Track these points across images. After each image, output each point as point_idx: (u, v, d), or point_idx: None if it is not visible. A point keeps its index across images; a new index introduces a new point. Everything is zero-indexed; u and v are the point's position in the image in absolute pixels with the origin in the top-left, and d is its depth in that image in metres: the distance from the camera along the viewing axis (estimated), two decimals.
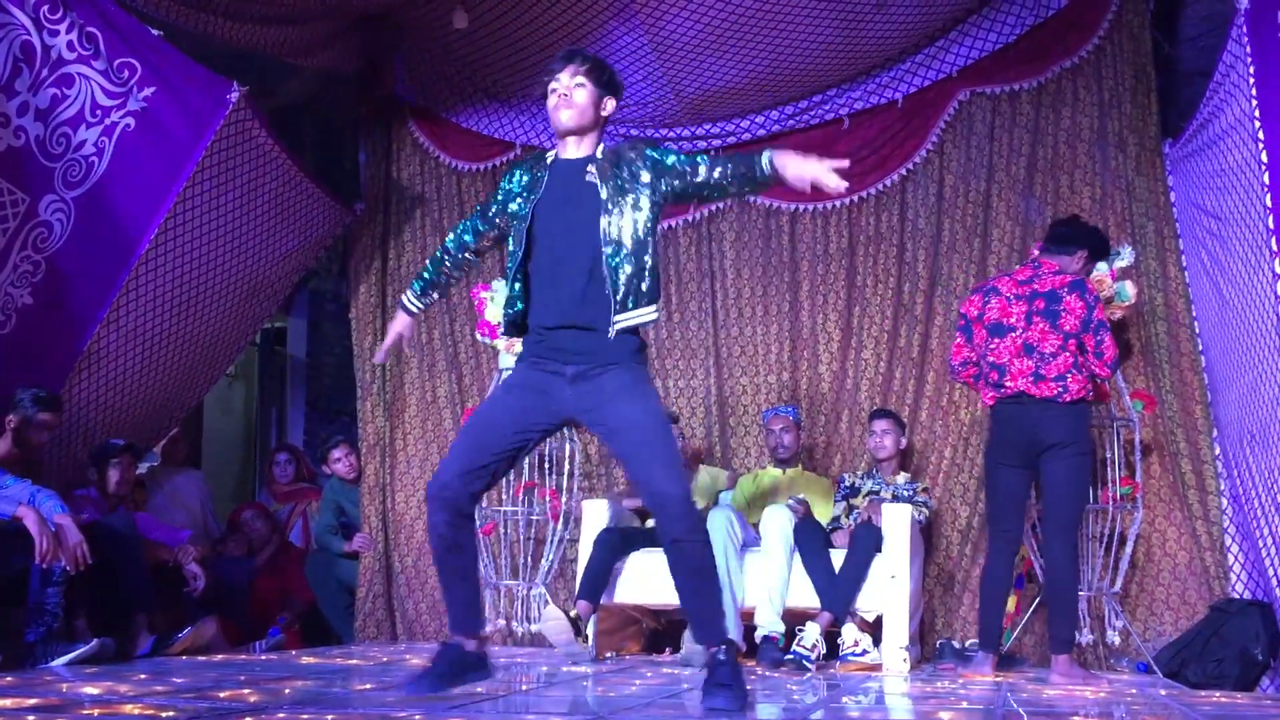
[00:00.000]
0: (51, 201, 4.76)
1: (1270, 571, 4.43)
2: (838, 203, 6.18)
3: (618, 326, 3.15)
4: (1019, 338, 4.46)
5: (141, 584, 4.67)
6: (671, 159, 3.28)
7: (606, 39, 5.65)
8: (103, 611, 4.52)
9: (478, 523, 4.34)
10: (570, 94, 3.24)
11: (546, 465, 5.89)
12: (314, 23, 5.63)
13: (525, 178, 3.34)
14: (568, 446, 5.94)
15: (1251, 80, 4.20)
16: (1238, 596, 4.95)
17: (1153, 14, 5.73)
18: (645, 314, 3.19)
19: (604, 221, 3.18)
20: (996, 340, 4.52)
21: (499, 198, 3.41)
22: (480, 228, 3.49)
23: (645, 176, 3.24)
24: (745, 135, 6.32)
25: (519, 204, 3.32)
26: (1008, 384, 4.44)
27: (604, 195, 3.20)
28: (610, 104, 3.30)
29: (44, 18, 4.54)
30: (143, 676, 3.75)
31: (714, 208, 6.38)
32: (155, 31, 4.88)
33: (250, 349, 7.74)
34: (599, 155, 3.28)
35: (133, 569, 4.63)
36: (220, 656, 4.79)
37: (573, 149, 3.31)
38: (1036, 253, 4.78)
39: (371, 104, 6.66)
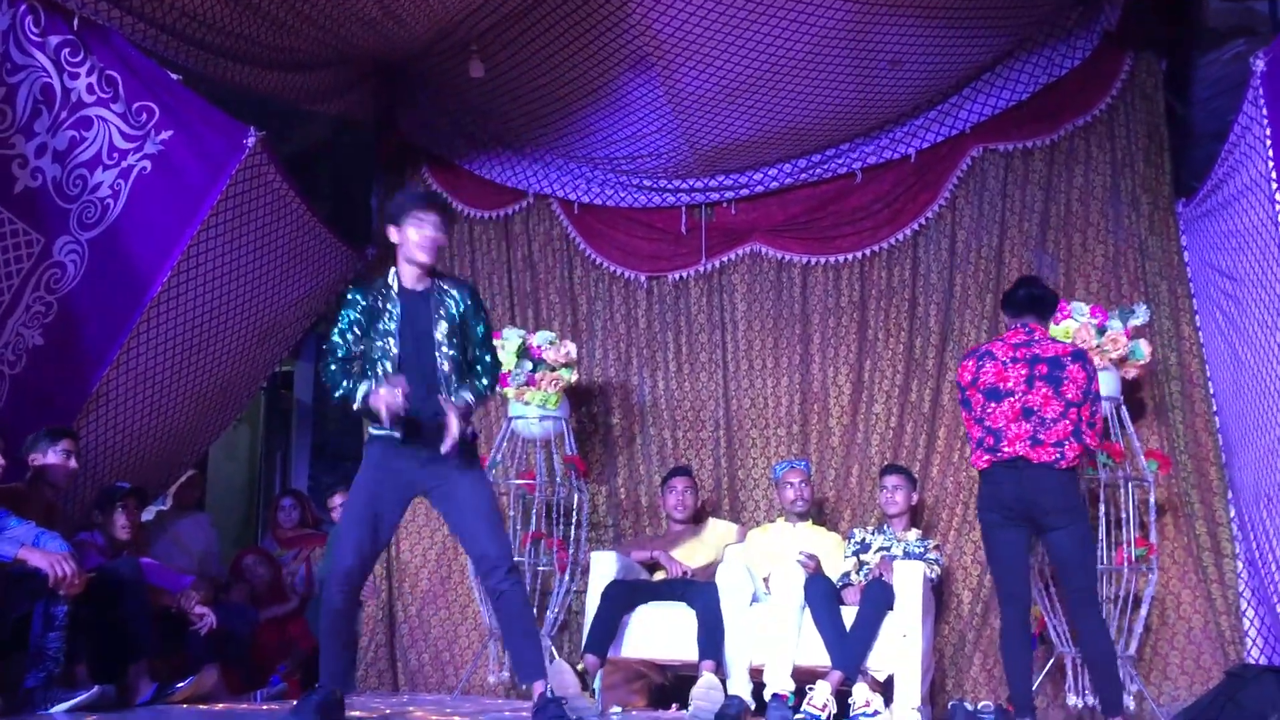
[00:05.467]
0: (66, 243, 4.76)
1: None
2: (850, 256, 6.19)
3: None
4: (1018, 402, 4.34)
5: (144, 630, 4.60)
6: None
7: (621, 90, 5.68)
8: (104, 658, 4.45)
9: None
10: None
11: (553, 515, 5.84)
12: (329, 70, 5.66)
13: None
14: (576, 497, 5.90)
15: (1268, 142, 4.21)
16: (1254, 662, 4.88)
17: (1165, 74, 5.76)
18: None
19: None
20: (993, 405, 4.39)
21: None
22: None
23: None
24: (759, 188, 6.35)
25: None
26: (1004, 449, 4.32)
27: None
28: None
29: (65, 60, 4.56)
30: None
31: (725, 258, 6.39)
32: (174, 76, 4.90)
33: (257, 393, 7.71)
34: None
35: (136, 615, 4.57)
36: (221, 705, 4.72)
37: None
38: (1008, 319, 4.60)
39: (386, 150, 6.68)
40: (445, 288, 4.04)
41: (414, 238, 3.96)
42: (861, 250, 6.17)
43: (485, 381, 4.04)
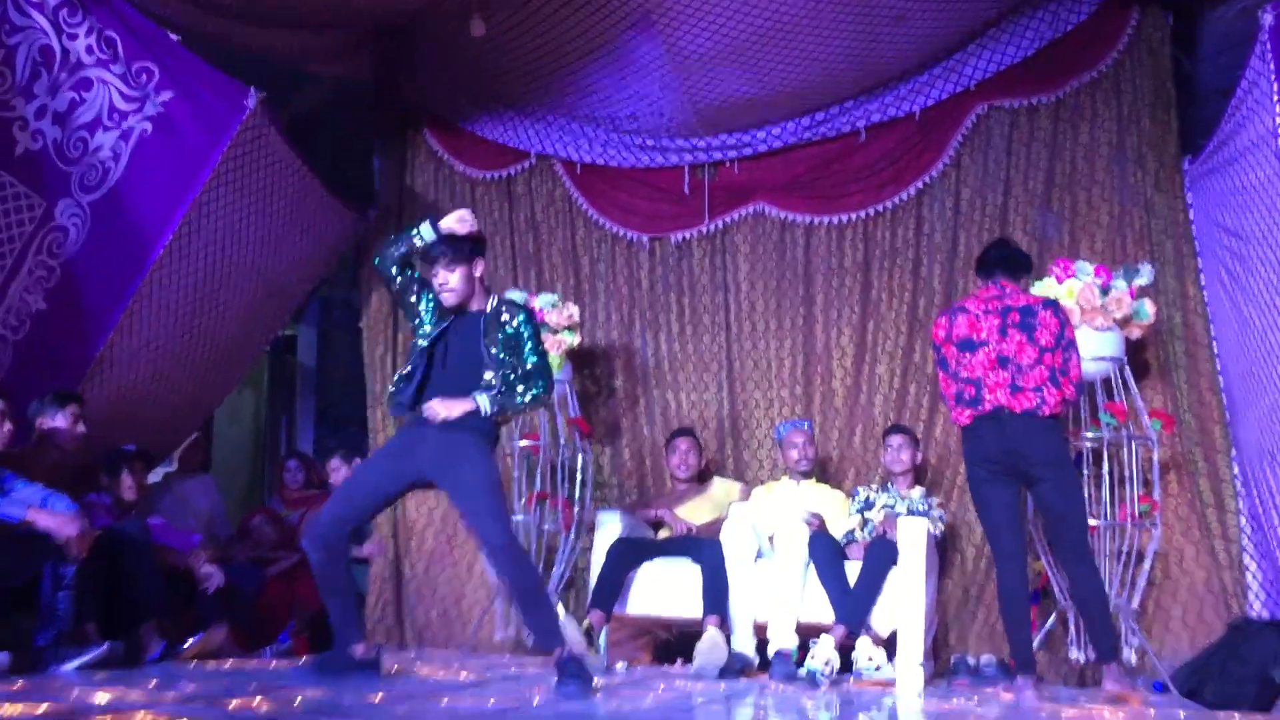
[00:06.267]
0: (68, 206, 4.76)
1: None
2: (853, 216, 6.17)
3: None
4: (991, 351, 4.36)
5: (153, 589, 4.64)
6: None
7: (623, 49, 5.64)
8: (113, 617, 4.49)
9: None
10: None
11: (558, 475, 5.86)
12: (330, 30, 5.62)
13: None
14: (580, 458, 5.92)
15: (1275, 98, 4.18)
16: (1255, 616, 4.91)
17: (1172, 30, 5.71)
18: None
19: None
20: (968, 355, 4.40)
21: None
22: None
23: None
24: (761, 147, 6.31)
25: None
26: (986, 398, 4.33)
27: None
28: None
29: (63, 21, 4.54)
30: (153, 683, 3.72)
31: (728, 219, 6.37)
32: (173, 36, 4.87)
33: (260, 357, 7.72)
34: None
35: (145, 574, 4.60)
36: (230, 663, 4.76)
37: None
38: (980, 280, 4.62)
39: (386, 112, 6.65)
40: (502, 311, 4.15)
41: (435, 284, 4.16)
42: (865, 210, 6.14)
43: (525, 398, 4.10)
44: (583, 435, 6.01)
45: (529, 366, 4.11)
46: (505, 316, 4.13)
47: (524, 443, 5.94)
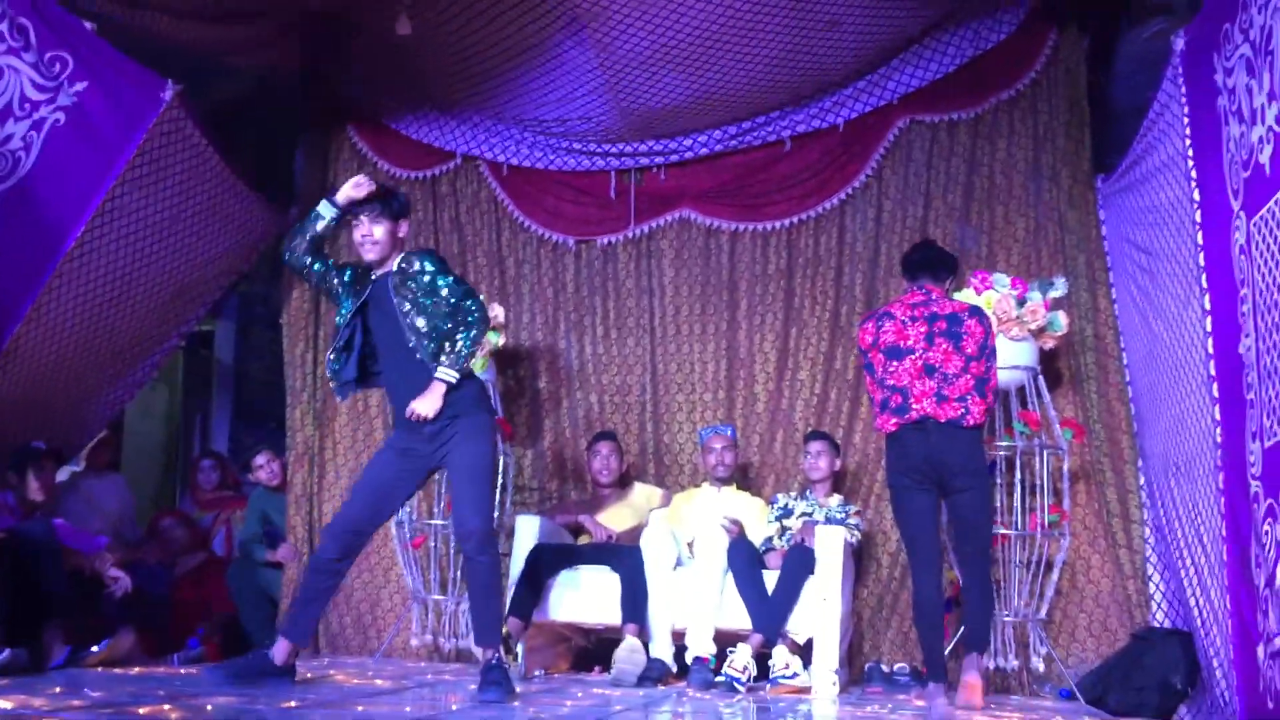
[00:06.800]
0: None
1: (1191, 601, 4.52)
2: (777, 224, 6.22)
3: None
4: (919, 359, 4.37)
5: (58, 593, 4.53)
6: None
7: (553, 52, 5.62)
8: (16, 621, 4.36)
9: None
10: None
11: None
12: (252, 21, 5.52)
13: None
14: (501, 460, 5.89)
15: (1186, 120, 4.28)
16: (1158, 625, 5.04)
17: (1088, 50, 5.84)
18: None
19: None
20: (895, 363, 4.40)
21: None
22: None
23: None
24: (688, 154, 6.34)
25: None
26: (913, 406, 4.33)
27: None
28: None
29: None
30: (58, 689, 3.63)
31: (654, 224, 6.38)
32: (89, 25, 4.74)
33: (175, 352, 7.56)
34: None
35: (50, 577, 4.49)
36: (138, 669, 4.65)
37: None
38: (906, 282, 4.67)
39: (311, 108, 6.55)
40: (405, 265, 4.12)
41: (355, 238, 4.18)
42: (789, 218, 6.20)
43: (468, 333, 4.05)
44: (504, 437, 5.97)
45: (454, 302, 4.07)
46: (408, 266, 4.10)
47: None
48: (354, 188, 4.12)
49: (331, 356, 4.22)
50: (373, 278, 4.19)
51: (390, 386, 4.22)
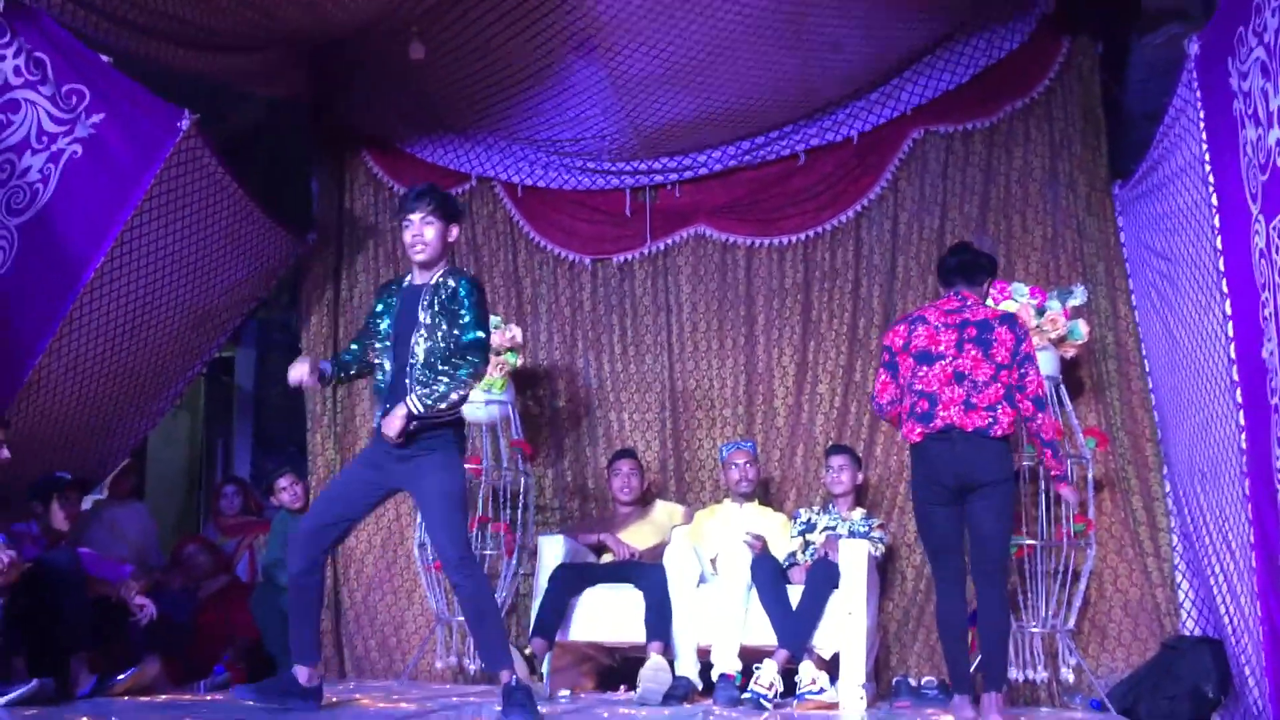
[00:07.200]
0: None
1: (1221, 608, 4.47)
2: (793, 238, 6.22)
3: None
4: (949, 365, 4.28)
5: (83, 622, 4.54)
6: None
7: (564, 72, 5.64)
8: (42, 651, 4.38)
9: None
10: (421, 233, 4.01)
11: (500, 499, 5.82)
12: (264, 52, 5.56)
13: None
14: (522, 481, 5.89)
15: (1202, 124, 4.26)
16: (1188, 633, 5.00)
17: (1101, 57, 5.83)
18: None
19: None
20: (925, 368, 4.32)
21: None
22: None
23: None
24: (702, 170, 6.35)
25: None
26: (939, 414, 4.24)
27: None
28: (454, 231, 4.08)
29: None
30: (85, 719, 3.63)
31: (669, 241, 6.39)
32: (104, 58, 4.79)
33: (196, 379, 7.60)
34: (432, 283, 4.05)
35: (75, 607, 4.49)
36: (164, 697, 4.66)
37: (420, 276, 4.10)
38: (941, 288, 4.58)
39: (325, 133, 6.59)
40: (444, 280, 4.02)
41: (405, 239, 4.05)
42: (805, 232, 6.20)
43: (453, 381, 3.90)
44: (525, 458, 5.97)
45: (464, 340, 3.92)
46: (447, 280, 4.00)
47: (466, 468, 5.87)
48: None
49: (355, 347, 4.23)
50: (405, 285, 4.11)
51: (379, 394, 4.09)
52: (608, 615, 5.18)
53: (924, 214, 6.02)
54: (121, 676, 4.61)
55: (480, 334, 3.94)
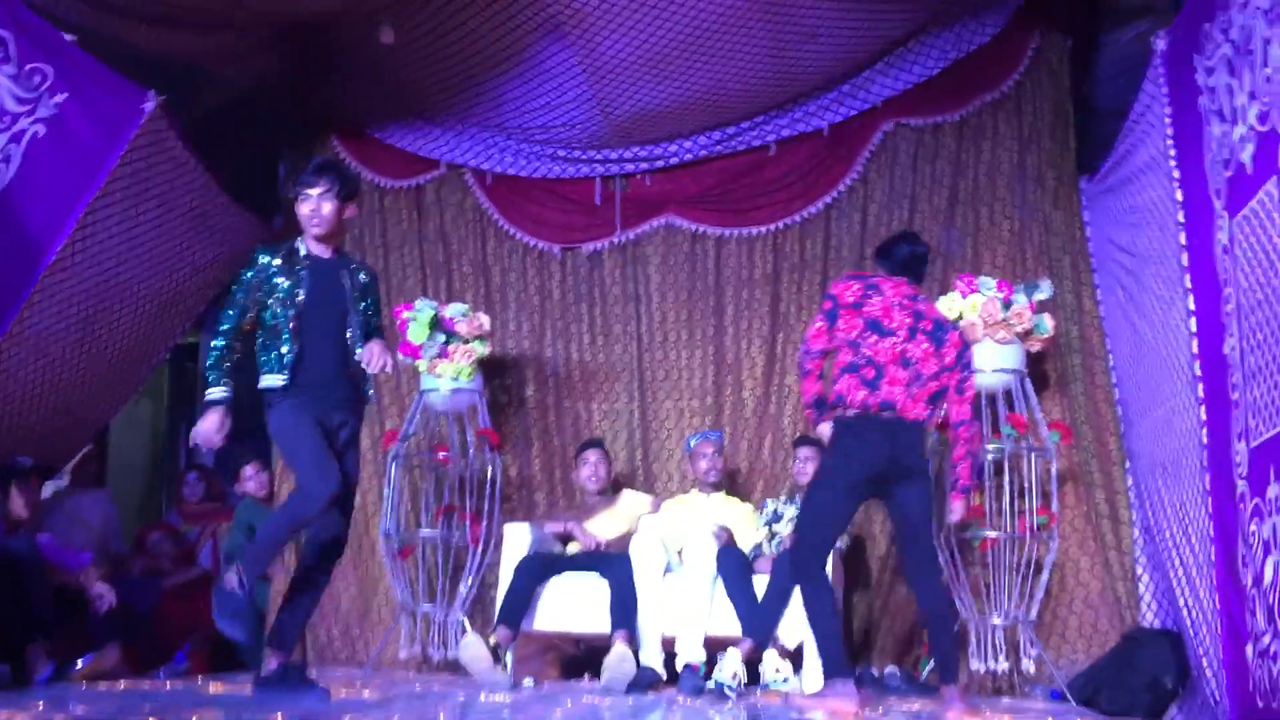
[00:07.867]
0: None
1: (1181, 601, 4.51)
2: (763, 229, 6.23)
3: None
4: (898, 345, 4.23)
5: (42, 608, 4.49)
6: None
7: (537, 59, 5.61)
8: (0, 637, 4.33)
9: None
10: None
11: (466, 488, 5.80)
12: (234, 32, 5.50)
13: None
14: (489, 469, 5.87)
15: (1168, 120, 4.29)
16: (1149, 625, 5.05)
17: (1071, 52, 5.87)
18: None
19: None
20: (875, 337, 4.22)
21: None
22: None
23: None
24: (673, 159, 6.34)
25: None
26: (884, 387, 4.17)
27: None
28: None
29: None
30: (42, 705, 3.59)
31: (639, 230, 6.38)
32: (69, 37, 4.72)
33: (160, 365, 7.51)
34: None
35: (34, 594, 4.46)
36: (124, 684, 4.61)
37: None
38: (882, 271, 4.43)
39: (294, 118, 6.53)
40: (357, 267, 4.19)
41: (302, 211, 4.03)
42: (775, 223, 6.21)
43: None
44: (492, 447, 5.95)
45: (374, 326, 4.14)
46: (359, 272, 4.16)
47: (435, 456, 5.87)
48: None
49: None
50: (303, 253, 4.04)
51: (313, 361, 4.00)
52: (573, 604, 5.18)
53: (894, 206, 6.04)
54: (80, 663, 4.57)
55: (383, 334, 4.18)
